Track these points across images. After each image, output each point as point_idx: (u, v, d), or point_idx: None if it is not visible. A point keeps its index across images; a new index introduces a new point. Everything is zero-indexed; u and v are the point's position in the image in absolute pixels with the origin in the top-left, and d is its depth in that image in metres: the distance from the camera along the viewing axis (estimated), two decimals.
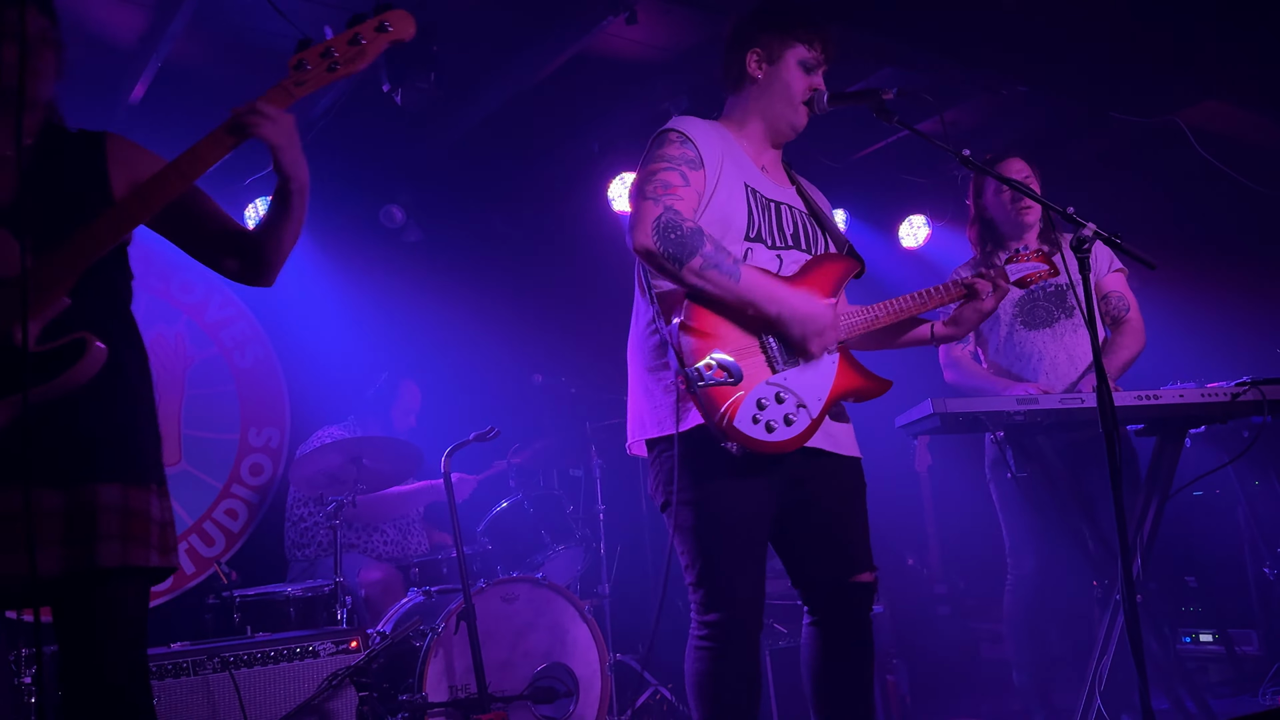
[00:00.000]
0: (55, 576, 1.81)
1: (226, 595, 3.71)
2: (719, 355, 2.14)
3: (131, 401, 1.97)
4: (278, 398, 5.38)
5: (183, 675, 3.04)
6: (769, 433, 2.19)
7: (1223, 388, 2.97)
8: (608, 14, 4.04)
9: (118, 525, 1.86)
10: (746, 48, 2.46)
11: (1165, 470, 3.08)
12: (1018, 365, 3.47)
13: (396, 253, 5.58)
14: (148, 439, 2.00)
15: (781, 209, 2.43)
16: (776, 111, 2.46)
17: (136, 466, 1.93)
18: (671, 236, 2.15)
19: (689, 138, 2.32)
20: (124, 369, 1.95)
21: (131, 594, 1.92)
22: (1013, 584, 3.50)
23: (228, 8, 4.05)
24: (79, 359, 1.79)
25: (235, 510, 5.17)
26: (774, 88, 2.44)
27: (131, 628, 1.91)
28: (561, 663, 3.82)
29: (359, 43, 1.93)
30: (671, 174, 2.25)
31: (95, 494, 1.85)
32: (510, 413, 4.88)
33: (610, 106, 5.06)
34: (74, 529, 1.83)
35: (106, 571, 1.84)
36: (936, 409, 2.80)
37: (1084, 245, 2.22)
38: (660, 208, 2.18)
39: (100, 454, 1.88)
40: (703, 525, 2.25)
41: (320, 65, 1.93)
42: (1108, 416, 2.15)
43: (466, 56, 4.46)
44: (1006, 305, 3.50)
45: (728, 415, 2.14)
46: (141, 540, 1.89)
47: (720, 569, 2.25)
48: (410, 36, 1.99)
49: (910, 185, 6.14)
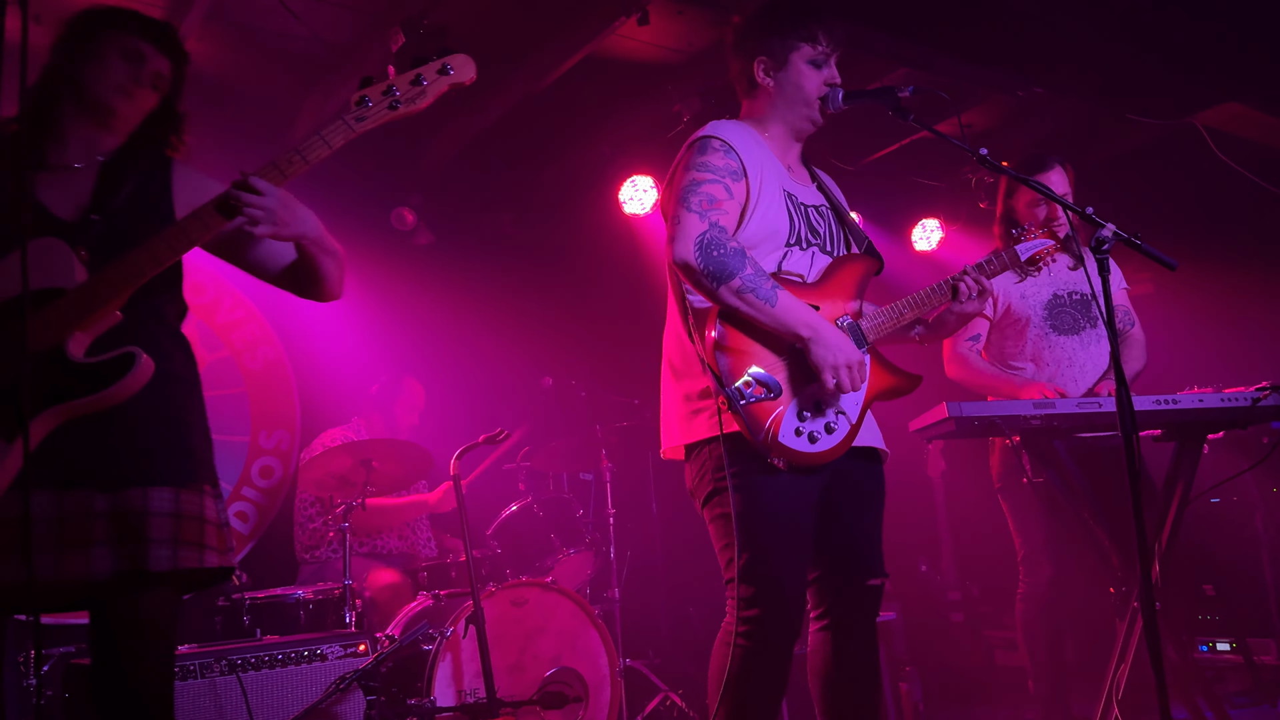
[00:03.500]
0: (103, 578, 1.83)
1: (236, 598, 3.69)
2: (756, 371, 2.16)
3: (182, 409, 2.01)
4: (288, 400, 5.38)
5: (190, 678, 3.02)
6: (813, 444, 2.21)
7: (1243, 393, 2.93)
8: (619, 15, 4.03)
9: (169, 529, 1.88)
10: (752, 57, 2.46)
11: (1184, 476, 3.03)
12: (1050, 369, 3.45)
13: (407, 255, 5.57)
14: (199, 444, 2.03)
15: (811, 212, 2.44)
16: (795, 113, 2.47)
17: (187, 470, 1.96)
18: (714, 254, 2.16)
19: (732, 147, 2.32)
20: (175, 379, 2.00)
21: (171, 601, 1.94)
22: (1026, 593, 3.47)
23: (239, 8, 4.04)
24: (127, 372, 1.85)
25: (245, 513, 5.17)
26: (787, 91, 2.45)
27: (168, 637, 1.95)
28: (571, 668, 3.79)
29: (421, 83, 1.99)
30: (716, 187, 2.25)
31: (146, 498, 1.88)
32: (520, 416, 4.86)
33: (622, 108, 5.04)
34: (123, 532, 1.85)
35: (155, 576, 1.86)
36: (952, 413, 2.76)
37: (1103, 246, 2.18)
38: (705, 224, 2.19)
39: (151, 460, 1.91)
40: (755, 513, 2.21)
41: (382, 103, 1.98)
42: (1127, 421, 2.12)
43: (478, 58, 4.44)
44: (1036, 308, 3.49)
45: (771, 431, 2.17)
46: (195, 544, 1.92)
47: (771, 562, 2.21)
48: (471, 81, 2.06)
49: (923, 188, 6.10)
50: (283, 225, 1.96)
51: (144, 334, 1.94)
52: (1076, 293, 3.51)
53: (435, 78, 2.00)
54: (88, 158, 2.01)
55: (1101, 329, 3.50)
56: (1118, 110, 5.07)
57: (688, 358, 2.33)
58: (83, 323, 1.84)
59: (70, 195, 1.96)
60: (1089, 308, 3.50)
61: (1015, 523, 3.52)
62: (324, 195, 5.25)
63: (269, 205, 1.91)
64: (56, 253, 1.87)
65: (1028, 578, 3.47)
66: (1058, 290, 3.51)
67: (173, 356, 2.02)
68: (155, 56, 2.05)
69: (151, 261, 1.88)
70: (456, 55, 2.02)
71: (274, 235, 1.97)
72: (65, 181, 1.98)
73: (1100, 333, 3.50)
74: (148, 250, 1.88)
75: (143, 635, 1.89)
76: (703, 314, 2.27)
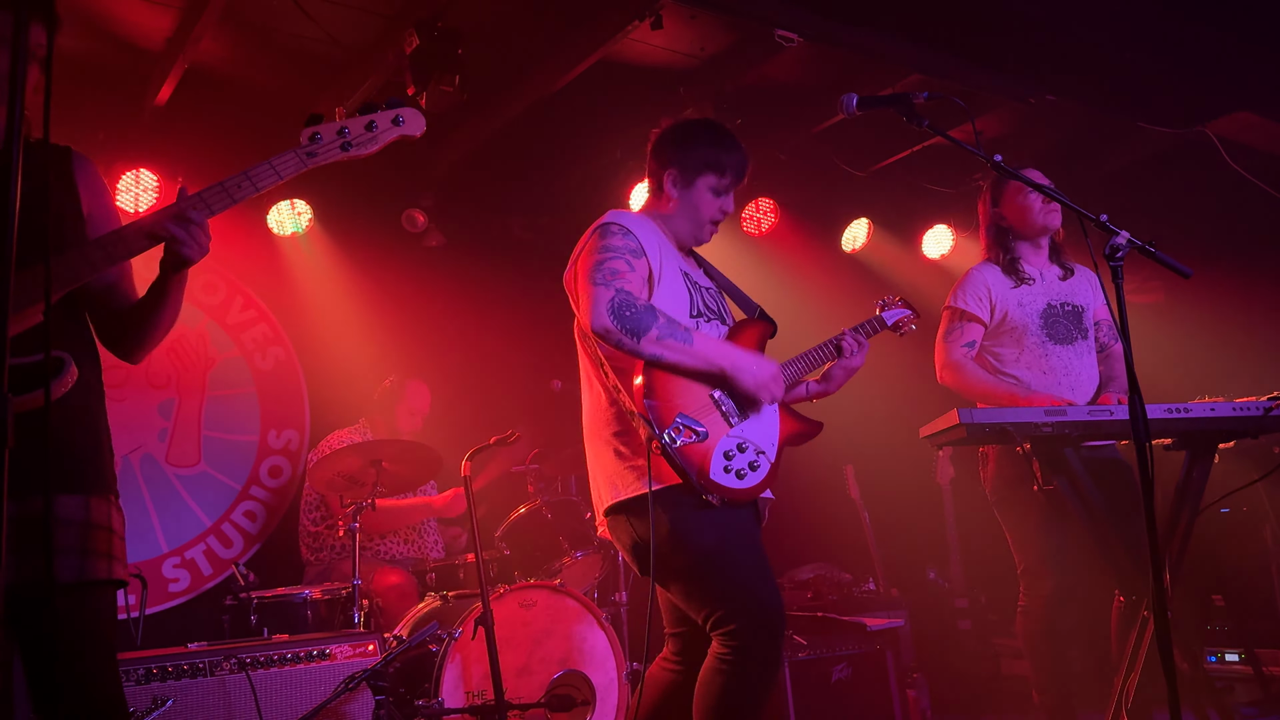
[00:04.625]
0: (6, 588, 1.75)
1: (244, 597, 3.70)
2: (683, 418, 2.37)
3: (92, 415, 1.98)
4: (298, 400, 5.39)
5: (199, 676, 3.03)
6: (740, 480, 2.42)
7: (1254, 402, 2.92)
8: (632, 19, 4.03)
9: (76, 539, 1.84)
10: (664, 167, 2.68)
11: (1195, 486, 3.01)
12: (1047, 378, 3.44)
13: (418, 257, 5.59)
14: (106, 453, 2.00)
15: (704, 290, 2.67)
16: (686, 229, 2.68)
17: (98, 479, 1.93)
18: (627, 314, 2.35)
19: (630, 230, 2.51)
20: (84, 383, 1.95)
21: (89, 613, 1.87)
22: (1026, 607, 3.44)
23: (254, 10, 4.06)
24: (55, 378, 1.82)
25: (254, 512, 5.18)
26: (685, 208, 2.66)
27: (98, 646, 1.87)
28: (579, 670, 3.80)
29: (373, 129, 2.04)
30: (618, 261, 2.44)
31: (53, 505, 1.83)
32: (530, 418, 4.87)
33: (634, 112, 5.04)
34: (26, 539, 1.75)
35: (64, 587, 1.81)
36: (963, 419, 2.74)
37: (1118, 254, 2.18)
38: (611, 290, 2.37)
39: (61, 466, 1.87)
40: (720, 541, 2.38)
41: (335, 142, 2.01)
42: (1140, 429, 2.11)
43: (491, 61, 4.46)
44: (1033, 316, 3.48)
45: (703, 469, 2.36)
46: (104, 554, 1.87)
47: (741, 579, 2.38)
48: (419, 135, 2.10)
49: (934, 195, 6.10)
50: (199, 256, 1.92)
51: (63, 338, 1.89)
52: (1069, 303, 3.52)
53: (388, 126, 2.05)
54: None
55: (1091, 340, 3.54)
56: (1129, 118, 5.06)
57: (610, 422, 2.51)
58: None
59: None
60: (1080, 318, 3.52)
61: (1013, 536, 3.50)
62: (336, 195, 5.31)
63: (201, 240, 1.89)
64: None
65: (1028, 591, 3.45)
66: (1051, 300, 3.51)
67: (87, 366, 1.98)
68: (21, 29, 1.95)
69: (88, 268, 1.84)
70: (406, 108, 2.07)
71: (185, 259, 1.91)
72: None
73: (1090, 344, 3.53)
74: (84, 257, 1.83)
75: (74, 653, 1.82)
76: (626, 371, 2.44)
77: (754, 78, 4.70)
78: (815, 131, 5.25)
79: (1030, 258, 3.56)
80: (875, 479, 5.76)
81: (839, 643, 4.07)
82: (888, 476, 5.80)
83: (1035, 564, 3.42)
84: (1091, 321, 3.56)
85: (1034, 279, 3.52)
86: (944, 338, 3.54)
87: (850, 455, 5.76)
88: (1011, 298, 3.49)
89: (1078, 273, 3.60)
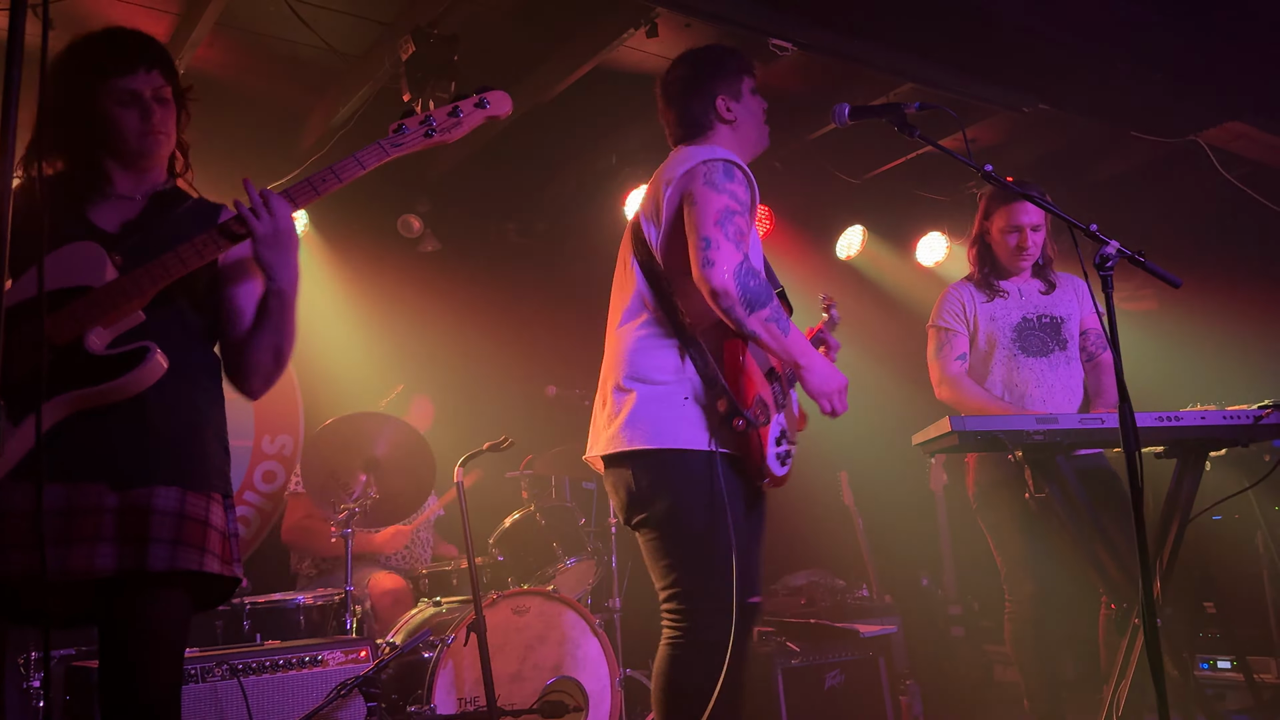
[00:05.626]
0: (106, 574, 1.83)
1: (236, 603, 3.69)
2: (759, 399, 2.35)
3: (200, 416, 2.04)
4: (291, 405, 5.39)
5: (191, 682, 3.02)
6: (782, 465, 2.44)
7: (1245, 411, 2.94)
8: (628, 27, 4.05)
9: (170, 530, 1.88)
10: (713, 96, 2.62)
11: (1186, 493, 3.03)
12: (1016, 391, 3.49)
13: (413, 262, 5.59)
14: (213, 451, 2.05)
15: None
16: (755, 137, 2.69)
17: (197, 474, 1.97)
18: (751, 284, 2.31)
19: (751, 183, 2.47)
20: (198, 388, 2.04)
21: (176, 606, 1.92)
22: (1012, 611, 3.49)
23: (250, 16, 4.07)
24: (138, 364, 1.88)
25: (247, 517, 5.17)
26: (748, 121, 2.66)
27: (173, 644, 1.93)
28: (572, 677, 3.80)
29: (457, 115, 2.13)
30: (743, 219, 2.40)
31: (151, 496, 1.88)
32: (523, 423, 4.87)
33: (629, 119, 5.06)
34: (128, 530, 1.85)
35: (155, 577, 1.86)
36: (955, 427, 2.76)
37: (1107, 264, 2.20)
38: (740, 255, 2.32)
39: (162, 459, 1.92)
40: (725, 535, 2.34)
41: (418, 131, 2.10)
42: (1130, 437, 2.12)
43: (487, 67, 4.47)
44: (1005, 330, 3.53)
45: (764, 452, 2.37)
46: (196, 546, 1.90)
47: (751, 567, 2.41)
48: (506, 114, 2.20)
49: (928, 203, 6.12)
50: (278, 252, 2.00)
51: (167, 338, 1.96)
52: (1046, 316, 3.56)
53: (472, 110, 2.13)
54: (136, 191, 2.10)
55: (1072, 352, 3.56)
56: (1121, 127, 5.08)
57: (659, 366, 2.41)
58: (104, 318, 1.88)
59: (118, 215, 2.05)
60: (1058, 330, 3.55)
61: (995, 541, 3.54)
62: (331, 200, 5.30)
63: (276, 225, 1.98)
64: (90, 254, 1.94)
65: (1011, 596, 3.49)
66: (1027, 314, 3.56)
67: (197, 366, 2.06)
68: (145, 80, 2.05)
69: (178, 263, 1.93)
70: (495, 91, 2.16)
71: (266, 262, 2.00)
72: (116, 206, 2.07)
73: (1070, 355, 3.56)
74: (175, 254, 1.93)
75: (149, 644, 1.88)
76: (703, 332, 2.39)
77: None
78: (810, 139, 5.27)
79: (1006, 274, 3.61)
80: (869, 485, 5.77)
81: (832, 649, 4.07)
82: (881, 483, 5.81)
83: (1015, 567, 3.47)
84: (1075, 332, 3.59)
85: (1009, 293, 3.59)
86: (935, 355, 3.60)
87: (844, 462, 5.78)
88: (984, 312, 3.57)
89: (1061, 285, 3.63)
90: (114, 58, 2.05)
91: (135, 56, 2.06)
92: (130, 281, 1.90)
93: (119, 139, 2.04)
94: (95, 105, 2.03)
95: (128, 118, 2.04)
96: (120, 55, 2.06)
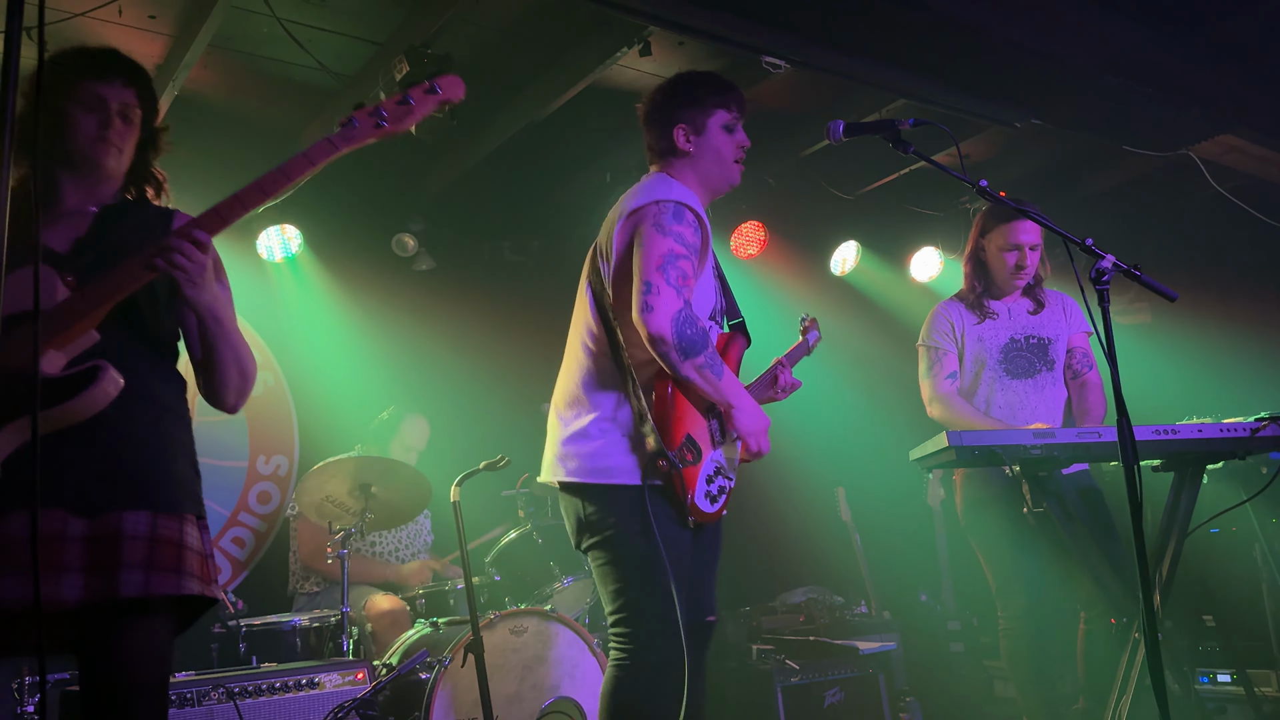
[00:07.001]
0: (72, 606, 1.77)
1: (232, 625, 3.67)
2: (689, 439, 2.42)
3: (168, 438, 1.98)
4: (287, 426, 5.38)
5: (187, 706, 3.00)
6: (712, 504, 2.49)
7: (1241, 424, 2.93)
8: (622, 45, 4.07)
9: (142, 554, 1.83)
10: (671, 125, 2.61)
11: (1184, 507, 3.02)
12: (1003, 412, 3.48)
13: (408, 281, 5.59)
14: (184, 473, 1.99)
15: (723, 283, 2.69)
16: (716, 174, 2.63)
17: (166, 496, 1.91)
18: (687, 332, 2.34)
19: (701, 224, 2.45)
20: (163, 409, 1.98)
21: (156, 636, 1.87)
22: (1006, 627, 3.48)
23: (244, 37, 4.08)
24: (90, 385, 1.81)
25: (242, 538, 5.15)
26: (708, 155, 2.61)
27: (155, 669, 1.87)
28: (570, 697, 3.77)
29: (409, 102, 2.04)
30: (688, 263, 2.39)
31: (120, 522, 1.83)
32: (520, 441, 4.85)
33: (623, 137, 5.07)
34: (97, 558, 1.80)
35: (130, 604, 1.80)
36: (952, 442, 2.76)
37: (1103, 278, 2.20)
38: (681, 301, 2.34)
39: (128, 482, 1.87)
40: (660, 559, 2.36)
41: (368, 122, 2.02)
42: (1128, 451, 2.12)
43: (481, 87, 4.48)
44: (993, 350, 3.53)
45: (691, 493, 2.42)
46: (171, 569, 1.85)
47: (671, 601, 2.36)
48: (460, 98, 2.10)
49: (922, 218, 6.14)
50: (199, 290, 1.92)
51: (124, 357, 1.89)
52: (1034, 336, 3.55)
53: (422, 97, 2.04)
54: (85, 205, 2.04)
55: (1058, 373, 3.55)
56: (1114, 142, 5.10)
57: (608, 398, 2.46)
58: (56, 340, 1.80)
59: (69, 234, 1.99)
60: (1045, 351, 3.54)
61: (985, 558, 3.53)
62: (326, 220, 5.31)
63: (200, 260, 1.88)
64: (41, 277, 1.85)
65: (1005, 612, 3.48)
66: (1014, 334, 3.55)
67: (159, 385, 2.00)
68: (116, 92, 2.02)
69: (128, 279, 1.85)
70: (444, 76, 2.08)
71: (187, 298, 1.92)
72: (66, 225, 2.00)
73: (1056, 376, 3.54)
74: (123, 270, 1.86)
75: (129, 681, 1.82)
76: (642, 369, 2.43)
77: None
78: (803, 155, 5.28)
79: (1000, 293, 3.60)
80: (867, 501, 5.76)
81: (831, 666, 4.06)
82: (879, 499, 5.80)
83: (1006, 584, 3.46)
84: (1061, 352, 3.57)
85: (998, 314, 3.58)
86: (926, 374, 3.60)
87: (841, 478, 5.77)
88: (972, 333, 3.56)
89: (1050, 304, 3.62)
90: (94, 65, 2.03)
91: (114, 69, 2.04)
92: (79, 299, 1.83)
93: (70, 141, 1.99)
94: (59, 105, 1.99)
95: (86, 121, 1.99)
96: (100, 64, 2.04)
